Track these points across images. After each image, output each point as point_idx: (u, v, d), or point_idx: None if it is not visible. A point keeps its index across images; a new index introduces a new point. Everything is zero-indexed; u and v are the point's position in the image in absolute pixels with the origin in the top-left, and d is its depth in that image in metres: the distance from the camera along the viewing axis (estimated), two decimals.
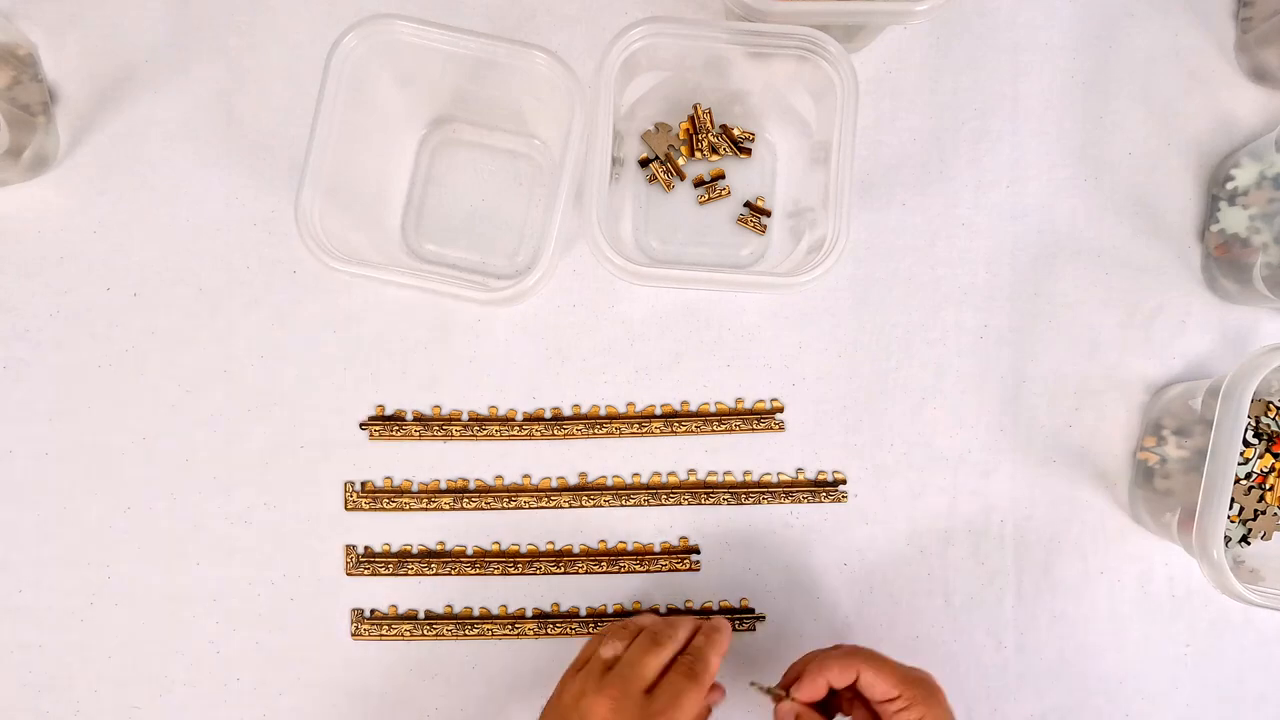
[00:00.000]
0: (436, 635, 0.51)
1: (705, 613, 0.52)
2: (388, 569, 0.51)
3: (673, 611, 0.52)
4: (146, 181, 0.51)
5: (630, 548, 0.52)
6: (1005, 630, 0.52)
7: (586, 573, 0.52)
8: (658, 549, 0.52)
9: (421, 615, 0.51)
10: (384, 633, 0.51)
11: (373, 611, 0.51)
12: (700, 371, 0.52)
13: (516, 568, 0.52)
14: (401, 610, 0.51)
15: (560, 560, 0.52)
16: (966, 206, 0.52)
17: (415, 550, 0.52)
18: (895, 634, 0.52)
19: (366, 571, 0.51)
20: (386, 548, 0.52)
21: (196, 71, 0.51)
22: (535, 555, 0.52)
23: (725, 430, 0.52)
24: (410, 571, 0.51)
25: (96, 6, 0.51)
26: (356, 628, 0.51)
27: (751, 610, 0.52)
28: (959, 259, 0.52)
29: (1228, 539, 0.49)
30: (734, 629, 0.51)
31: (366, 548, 0.51)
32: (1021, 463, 0.53)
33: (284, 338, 0.51)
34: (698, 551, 0.52)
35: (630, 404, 0.52)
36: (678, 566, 0.52)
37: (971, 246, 0.52)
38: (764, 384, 0.52)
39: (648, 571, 0.52)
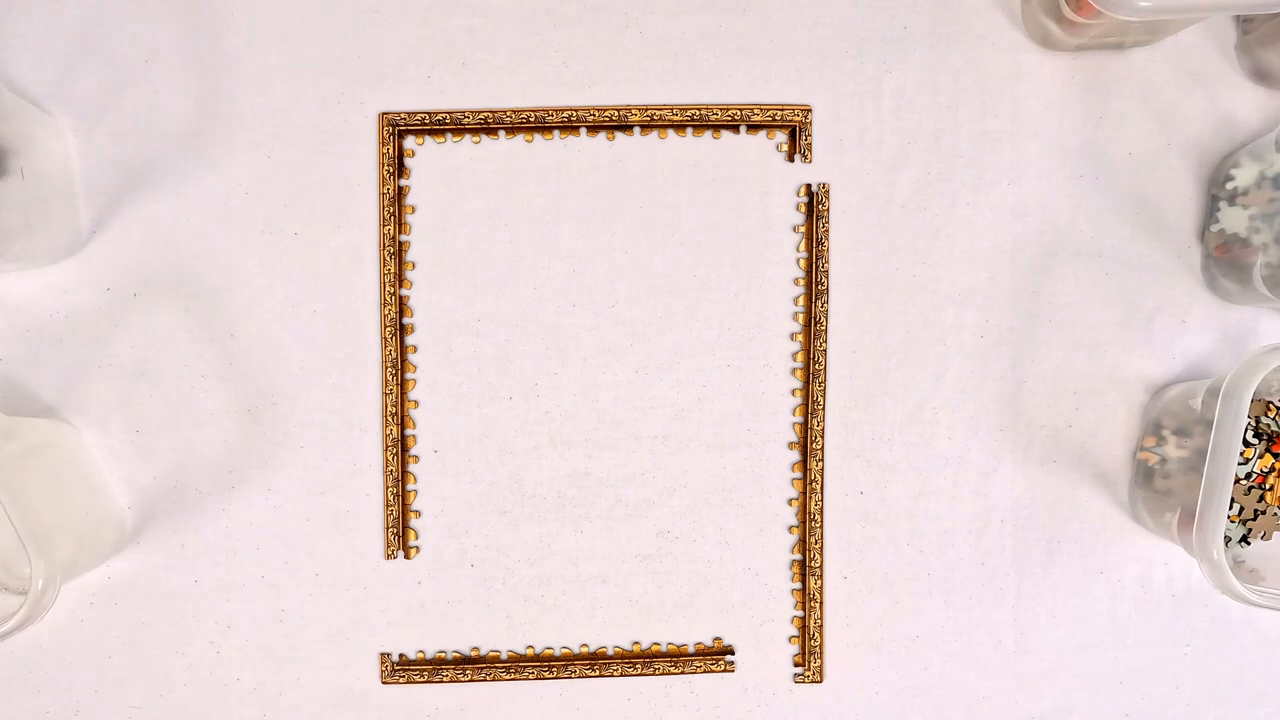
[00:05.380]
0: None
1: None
2: (423, 676, 0.51)
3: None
4: (146, 180, 0.51)
5: (664, 649, 0.52)
6: (1005, 630, 0.53)
7: (621, 675, 0.52)
8: (692, 649, 0.52)
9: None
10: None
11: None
12: (700, 371, 0.52)
13: (551, 671, 0.52)
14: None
15: (595, 663, 0.52)
16: (966, 206, 0.52)
17: (450, 656, 0.52)
18: (895, 634, 0.52)
19: (402, 679, 0.51)
20: (421, 655, 0.52)
21: (204, 71, 0.51)
22: (570, 658, 0.52)
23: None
24: (445, 678, 0.51)
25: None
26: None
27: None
28: (959, 259, 0.52)
29: (1228, 539, 0.49)
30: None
31: (401, 655, 0.52)
32: (1021, 463, 0.53)
33: (284, 335, 0.51)
34: (732, 653, 0.52)
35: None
36: (711, 668, 0.52)
37: (971, 246, 0.52)
38: (764, 384, 0.52)
39: (680, 674, 0.52)
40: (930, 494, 0.52)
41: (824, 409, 0.52)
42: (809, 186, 0.52)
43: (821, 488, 0.52)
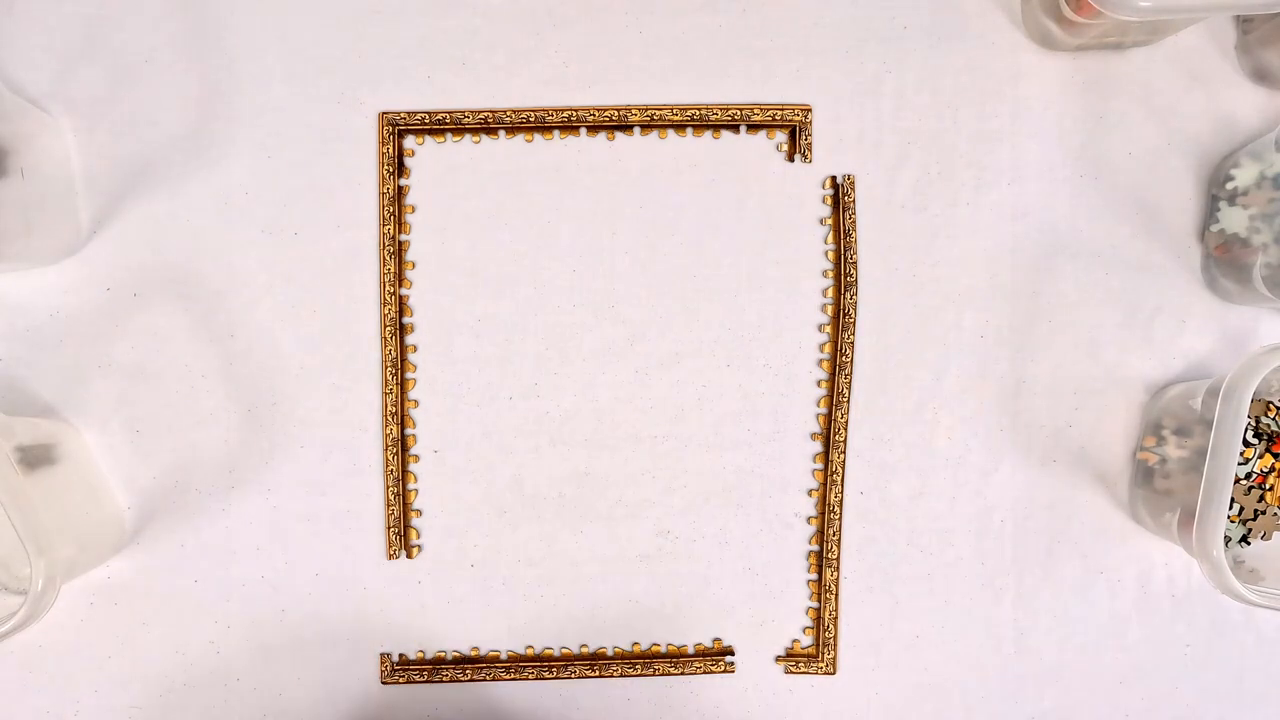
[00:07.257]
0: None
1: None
2: (423, 676, 0.51)
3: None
4: (146, 181, 0.51)
5: (664, 649, 0.52)
6: (1005, 630, 0.53)
7: (621, 675, 0.52)
8: (691, 650, 0.52)
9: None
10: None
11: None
12: (700, 371, 0.52)
13: (551, 671, 0.52)
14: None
15: (595, 663, 0.52)
16: (966, 206, 0.52)
17: (450, 656, 0.52)
18: (895, 634, 0.52)
19: (401, 679, 0.51)
20: (421, 655, 0.52)
21: (204, 71, 0.51)
22: (570, 658, 0.52)
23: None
24: (445, 678, 0.51)
25: None
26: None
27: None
28: (959, 259, 0.52)
29: (1228, 539, 0.49)
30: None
31: (401, 655, 0.52)
32: (1021, 463, 0.53)
33: (284, 335, 0.51)
34: (732, 653, 0.52)
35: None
36: (711, 669, 0.52)
37: (971, 246, 0.52)
38: (764, 386, 0.52)
39: (680, 674, 0.52)
40: (930, 494, 0.52)
41: (848, 400, 0.52)
42: (834, 179, 0.52)
43: (842, 480, 0.52)
